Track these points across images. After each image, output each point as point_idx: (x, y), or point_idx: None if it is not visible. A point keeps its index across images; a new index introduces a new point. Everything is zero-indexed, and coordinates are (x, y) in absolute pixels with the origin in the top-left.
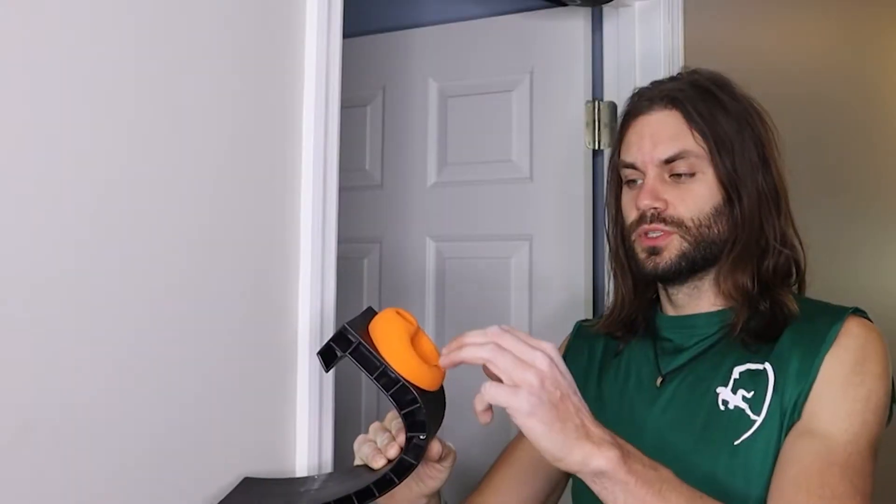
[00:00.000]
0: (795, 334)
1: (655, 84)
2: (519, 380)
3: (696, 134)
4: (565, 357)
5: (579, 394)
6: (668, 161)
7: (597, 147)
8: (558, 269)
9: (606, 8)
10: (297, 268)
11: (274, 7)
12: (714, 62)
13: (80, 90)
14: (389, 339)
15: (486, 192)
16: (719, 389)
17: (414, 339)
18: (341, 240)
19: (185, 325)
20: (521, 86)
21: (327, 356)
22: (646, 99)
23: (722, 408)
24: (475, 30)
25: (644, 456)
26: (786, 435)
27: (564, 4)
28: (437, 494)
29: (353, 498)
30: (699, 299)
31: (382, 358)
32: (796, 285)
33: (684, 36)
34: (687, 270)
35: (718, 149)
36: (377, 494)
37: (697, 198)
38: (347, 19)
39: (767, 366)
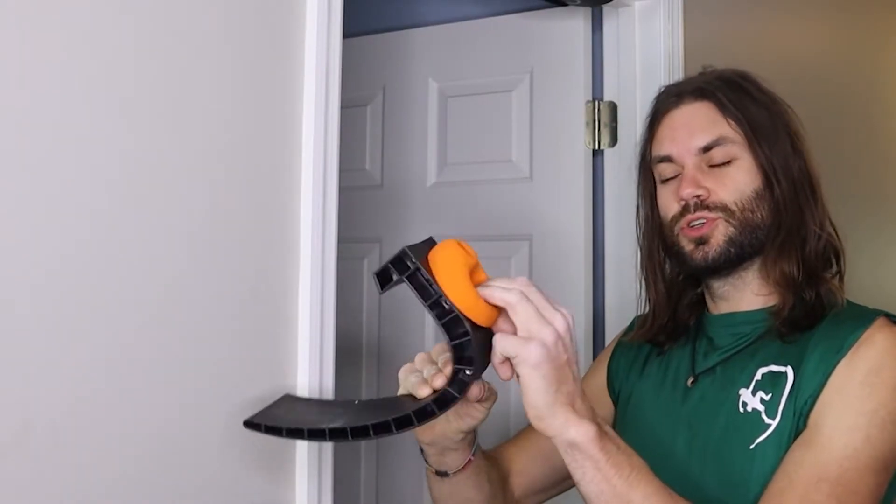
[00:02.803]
0: (823, 334)
1: (680, 82)
2: (535, 332)
3: (731, 121)
4: (616, 348)
5: (577, 367)
6: (707, 149)
7: (597, 147)
8: (558, 269)
9: (606, 8)
10: (297, 268)
11: (274, 7)
12: (714, 62)
13: (80, 90)
14: (448, 268)
15: (486, 192)
16: (741, 391)
17: (472, 273)
18: (341, 240)
19: (184, 325)
20: (521, 86)
21: (383, 278)
22: (673, 95)
23: (741, 410)
24: (475, 30)
25: (622, 442)
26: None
27: (564, 4)
28: (474, 433)
29: (392, 424)
30: (743, 291)
31: (439, 286)
32: (838, 275)
33: (684, 36)
34: (736, 257)
35: (755, 134)
36: (416, 423)
37: (738, 182)
38: (347, 19)
39: (789, 369)
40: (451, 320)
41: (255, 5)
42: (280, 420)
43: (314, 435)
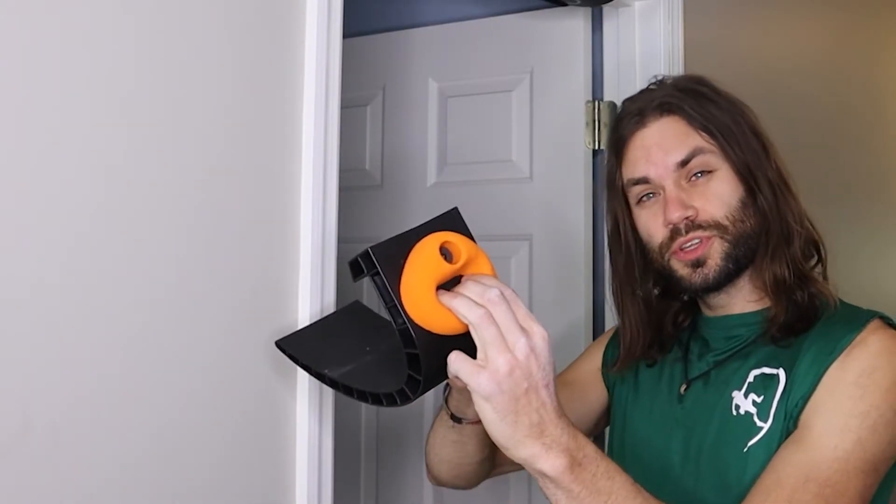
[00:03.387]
0: (816, 336)
1: (636, 98)
2: (491, 358)
3: (702, 132)
4: (612, 340)
5: (553, 387)
6: (685, 163)
7: (597, 147)
8: (558, 269)
9: (606, 8)
10: (296, 268)
11: (274, 7)
12: (714, 62)
13: (80, 90)
14: (412, 275)
15: (486, 192)
16: (734, 393)
17: (466, 268)
18: (341, 240)
19: (184, 324)
20: (521, 86)
21: (355, 269)
22: (635, 115)
23: (734, 413)
24: (475, 30)
25: (603, 462)
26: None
27: (564, 4)
28: None
29: (369, 397)
30: (736, 297)
31: (398, 292)
32: (820, 264)
33: (684, 36)
34: (734, 272)
35: (728, 141)
36: (370, 403)
37: (722, 195)
38: (347, 19)
39: (781, 371)
40: (403, 331)
41: (255, 5)
42: (304, 350)
43: (319, 377)
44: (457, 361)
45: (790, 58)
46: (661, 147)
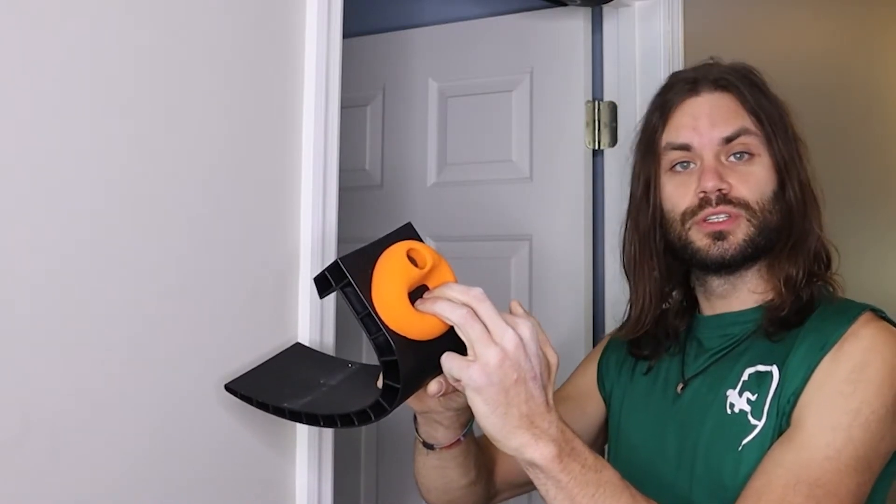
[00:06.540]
0: (808, 331)
1: (690, 69)
2: (480, 353)
3: (752, 116)
4: (608, 346)
5: (541, 379)
6: (729, 140)
7: (597, 147)
8: (558, 269)
9: (606, 8)
10: (297, 268)
11: (274, 7)
12: None
13: (80, 90)
14: (385, 283)
15: (486, 192)
16: (729, 392)
17: (431, 275)
18: (341, 240)
19: (184, 325)
20: (521, 86)
21: (322, 284)
22: (689, 82)
23: (728, 411)
24: (475, 30)
25: (591, 456)
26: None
27: (564, 4)
28: (470, 416)
29: (337, 420)
30: (741, 289)
31: (371, 301)
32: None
33: (684, 36)
34: (750, 257)
35: (774, 131)
36: (339, 426)
37: (759, 180)
38: (347, 19)
39: (774, 368)
40: (377, 339)
41: (256, 6)
42: (257, 389)
43: (278, 412)
44: (448, 360)
45: (791, 57)
46: (710, 119)
